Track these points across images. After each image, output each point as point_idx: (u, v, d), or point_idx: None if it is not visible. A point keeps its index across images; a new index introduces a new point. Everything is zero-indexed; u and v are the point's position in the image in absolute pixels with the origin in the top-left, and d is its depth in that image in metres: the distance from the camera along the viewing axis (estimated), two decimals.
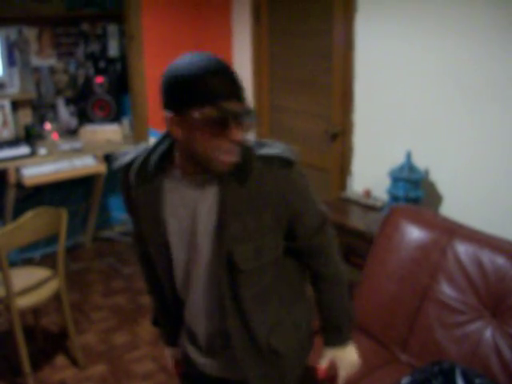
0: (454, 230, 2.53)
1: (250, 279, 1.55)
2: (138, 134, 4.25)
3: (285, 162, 1.51)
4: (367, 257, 2.76)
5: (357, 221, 3.14)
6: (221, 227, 1.49)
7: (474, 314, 2.36)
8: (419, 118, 3.14)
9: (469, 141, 2.92)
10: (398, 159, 3.12)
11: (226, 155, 1.40)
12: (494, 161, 2.82)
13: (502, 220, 2.79)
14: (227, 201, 1.48)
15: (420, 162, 3.09)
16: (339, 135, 3.68)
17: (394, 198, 3.02)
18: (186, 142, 1.40)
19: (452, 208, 3.00)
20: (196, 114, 1.34)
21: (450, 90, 2.95)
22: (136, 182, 1.54)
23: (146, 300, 4.00)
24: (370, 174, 3.49)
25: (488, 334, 2.30)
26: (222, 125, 1.36)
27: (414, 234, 2.59)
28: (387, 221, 2.76)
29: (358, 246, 3.10)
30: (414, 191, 2.98)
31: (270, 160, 1.49)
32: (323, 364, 1.77)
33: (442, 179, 3.08)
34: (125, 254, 4.74)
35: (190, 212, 1.52)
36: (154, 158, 1.51)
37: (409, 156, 3.02)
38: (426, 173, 3.11)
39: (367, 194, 3.39)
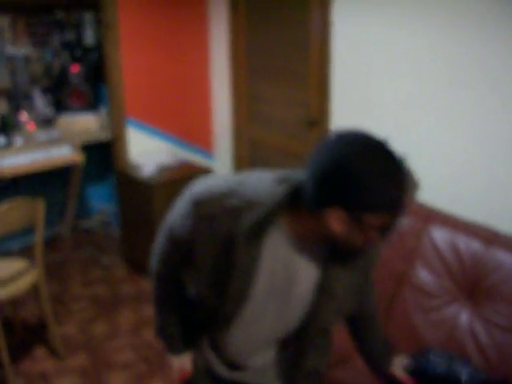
0: (429, 216, 2.56)
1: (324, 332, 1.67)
2: (115, 124, 4.22)
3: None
4: None
5: None
6: (321, 300, 1.51)
7: (449, 297, 2.39)
8: (396, 104, 3.16)
9: (444, 127, 2.95)
10: None
11: (370, 246, 1.39)
12: (470, 146, 2.86)
13: (471, 202, 2.83)
14: (333, 277, 1.49)
15: (397, 148, 3.10)
16: (317, 122, 3.69)
17: None
18: (344, 236, 1.31)
19: (429, 194, 3.03)
20: (373, 221, 1.26)
21: (426, 75, 2.97)
22: (244, 238, 1.40)
23: (125, 289, 4.00)
24: None
25: (464, 317, 2.34)
26: (390, 229, 1.32)
27: None
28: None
29: None
30: None
31: None
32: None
33: (418, 165, 3.11)
34: (104, 244, 4.73)
35: (289, 275, 1.48)
36: (266, 216, 1.39)
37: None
38: (403, 157, 3.12)
39: None
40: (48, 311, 3.15)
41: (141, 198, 3.95)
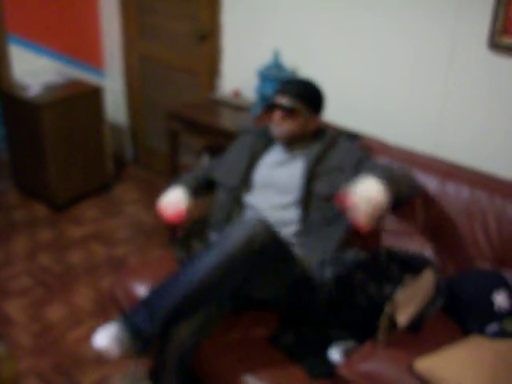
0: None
1: (320, 203, 2.20)
2: None
3: (353, 137, 2.44)
4: None
5: (227, 121, 3.13)
6: (310, 177, 2.22)
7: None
8: (287, 16, 3.11)
9: (334, 38, 2.95)
10: (267, 59, 3.10)
11: (275, 129, 2.29)
12: (358, 57, 2.89)
13: (360, 116, 2.89)
14: (314, 164, 2.23)
15: (288, 61, 3.09)
16: (208, 36, 3.59)
17: (263, 97, 3.02)
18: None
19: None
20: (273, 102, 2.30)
21: None
22: (255, 135, 2.46)
23: (18, 215, 3.88)
24: (239, 74, 3.46)
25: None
26: (271, 109, 2.30)
27: None
28: (259, 120, 2.78)
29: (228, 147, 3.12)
30: None
31: (343, 135, 2.40)
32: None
33: (309, 77, 3.11)
34: None
35: (285, 166, 2.32)
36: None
37: (276, 55, 3.01)
38: (294, 71, 3.13)
39: (236, 94, 3.37)
40: None
41: (28, 120, 3.76)
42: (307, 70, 3.10)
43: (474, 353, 1.80)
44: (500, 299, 1.99)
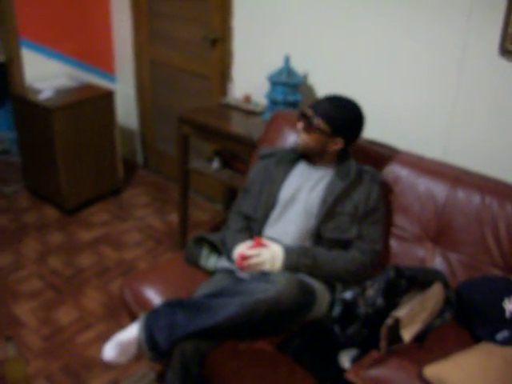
0: None
1: (327, 242, 2.24)
2: (8, 44, 3.96)
3: (377, 178, 2.31)
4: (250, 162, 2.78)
5: (238, 126, 3.13)
6: (324, 207, 2.23)
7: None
8: (298, 22, 3.11)
9: (345, 44, 2.95)
10: (278, 64, 3.11)
11: (298, 137, 2.32)
12: (369, 63, 2.88)
13: (369, 121, 2.88)
14: (331, 197, 2.23)
15: (299, 66, 3.10)
16: (219, 41, 3.60)
17: (273, 102, 3.03)
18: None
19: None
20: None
21: None
22: (276, 161, 2.39)
23: (29, 218, 3.90)
24: (250, 79, 3.46)
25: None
26: (298, 118, 2.30)
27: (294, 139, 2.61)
28: (270, 126, 2.78)
29: (240, 151, 3.12)
30: (293, 95, 3.00)
31: (369, 173, 2.30)
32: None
33: (320, 82, 3.12)
34: (4, 173, 4.54)
35: (307, 190, 2.29)
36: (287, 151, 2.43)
37: (287, 60, 3.01)
38: (305, 77, 3.13)
39: (247, 99, 3.38)
40: None
41: (40, 123, 3.79)
42: (317, 75, 3.10)
43: (483, 360, 1.79)
44: (511, 306, 1.98)
